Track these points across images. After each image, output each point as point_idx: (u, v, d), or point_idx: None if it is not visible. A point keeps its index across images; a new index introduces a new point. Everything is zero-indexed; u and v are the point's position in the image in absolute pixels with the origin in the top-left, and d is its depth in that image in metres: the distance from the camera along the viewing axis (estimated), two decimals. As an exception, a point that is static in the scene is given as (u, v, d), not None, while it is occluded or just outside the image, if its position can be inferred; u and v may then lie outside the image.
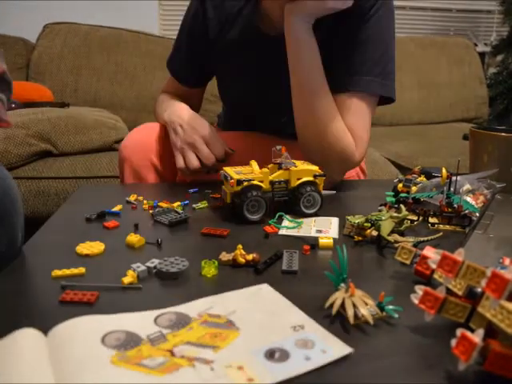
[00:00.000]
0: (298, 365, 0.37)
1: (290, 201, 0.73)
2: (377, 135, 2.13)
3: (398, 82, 2.47)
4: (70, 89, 2.10)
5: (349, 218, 0.65)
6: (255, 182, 0.70)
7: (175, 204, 0.76)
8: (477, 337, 0.34)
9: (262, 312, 0.45)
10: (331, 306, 0.44)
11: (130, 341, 0.39)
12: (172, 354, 0.38)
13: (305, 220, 0.71)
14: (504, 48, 2.65)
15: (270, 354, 0.38)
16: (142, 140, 0.95)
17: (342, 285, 0.46)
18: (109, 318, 0.43)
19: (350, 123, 0.85)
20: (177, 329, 0.42)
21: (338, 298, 0.45)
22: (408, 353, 0.40)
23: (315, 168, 0.74)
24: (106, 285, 0.50)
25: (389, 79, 0.87)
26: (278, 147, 0.73)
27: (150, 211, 0.73)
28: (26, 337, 0.39)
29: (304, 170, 0.73)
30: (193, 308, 0.45)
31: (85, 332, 0.40)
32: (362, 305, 0.44)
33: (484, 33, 2.99)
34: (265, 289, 0.49)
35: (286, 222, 0.70)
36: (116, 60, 2.15)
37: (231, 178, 0.70)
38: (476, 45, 2.70)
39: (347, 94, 0.85)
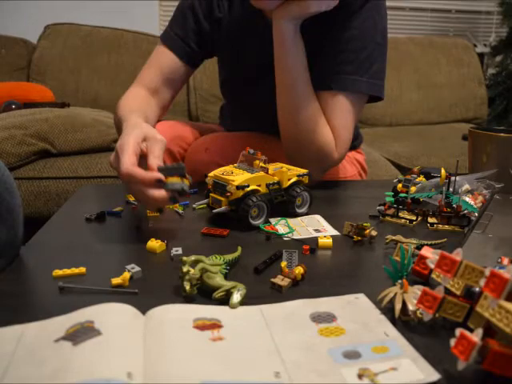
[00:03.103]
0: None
1: (285, 202, 0.72)
2: (377, 135, 2.13)
3: (398, 82, 2.47)
4: (70, 89, 2.10)
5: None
6: (254, 187, 0.68)
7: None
8: (476, 336, 0.35)
9: (353, 322, 0.44)
10: (383, 297, 0.46)
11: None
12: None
13: (293, 222, 0.71)
14: (503, 49, 2.64)
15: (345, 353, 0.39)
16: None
17: (399, 281, 0.47)
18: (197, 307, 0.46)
19: (333, 122, 0.86)
20: None
21: (391, 291, 0.46)
22: (407, 352, 0.40)
23: (296, 168, 0.75)
24: (104, 288, 0.50)
25: (375, 78, 0.87)
26: (252, 151, 0.72)
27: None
28: (127, 311, 0.43)
29: (291, 170, 0.74)
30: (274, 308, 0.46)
31: (176, 317, 0.44)
32: (411, 303, 0.44)
33: (483, 34, 2.99)
34: (361, 298, 0.48)
35: (280, 228, 0.68)
36: (117, 60, 2.15)
37: (227, 184, 0.66)
38: (475, 45, 2.70)
39: (331, 93, 0.86)
